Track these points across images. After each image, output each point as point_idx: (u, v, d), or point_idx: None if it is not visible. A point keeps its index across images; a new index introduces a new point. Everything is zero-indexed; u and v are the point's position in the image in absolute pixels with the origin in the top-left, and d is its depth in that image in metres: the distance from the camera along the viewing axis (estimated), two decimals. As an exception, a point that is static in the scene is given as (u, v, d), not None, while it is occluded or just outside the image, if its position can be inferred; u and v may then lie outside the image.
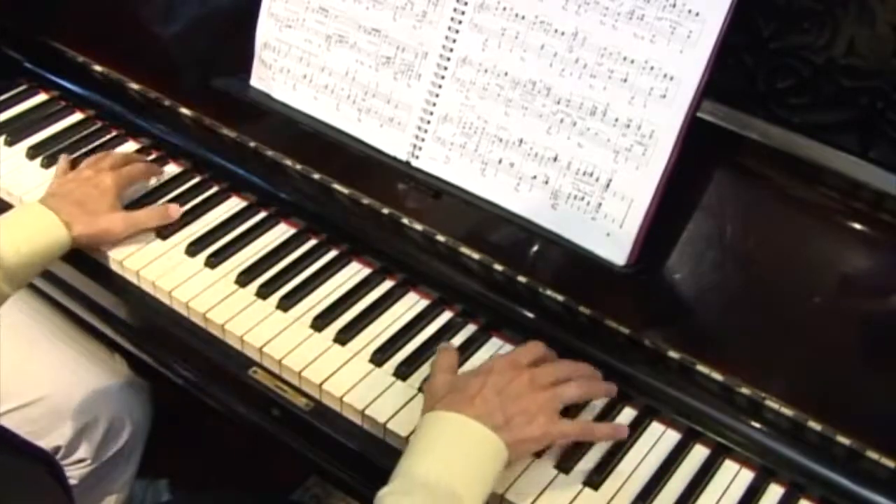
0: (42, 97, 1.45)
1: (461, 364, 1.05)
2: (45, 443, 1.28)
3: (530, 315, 1.08)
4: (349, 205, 1.19)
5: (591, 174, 0.99)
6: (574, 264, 1.04)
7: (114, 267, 1.17)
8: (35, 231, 1.11)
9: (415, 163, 1.10)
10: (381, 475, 0.90)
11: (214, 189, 1.28)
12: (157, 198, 1.25)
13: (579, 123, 0.99)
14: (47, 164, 1.31)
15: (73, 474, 1.33)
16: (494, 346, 1.08)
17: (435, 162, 1.09)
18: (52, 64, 1.44)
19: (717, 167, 0.99)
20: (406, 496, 0.83)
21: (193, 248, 1.18)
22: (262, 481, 1.65)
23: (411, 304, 1.13)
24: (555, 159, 1.01)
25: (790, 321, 0.96)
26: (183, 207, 1.23)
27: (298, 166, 1.22)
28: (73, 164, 1.27)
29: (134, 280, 1.16)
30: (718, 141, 0.99)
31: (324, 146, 1.17)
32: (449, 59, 1.06)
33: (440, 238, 1.13)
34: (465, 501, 0.83)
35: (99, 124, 1.39)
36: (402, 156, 1.11)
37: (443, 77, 1.07)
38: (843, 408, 0.94)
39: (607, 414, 1.02)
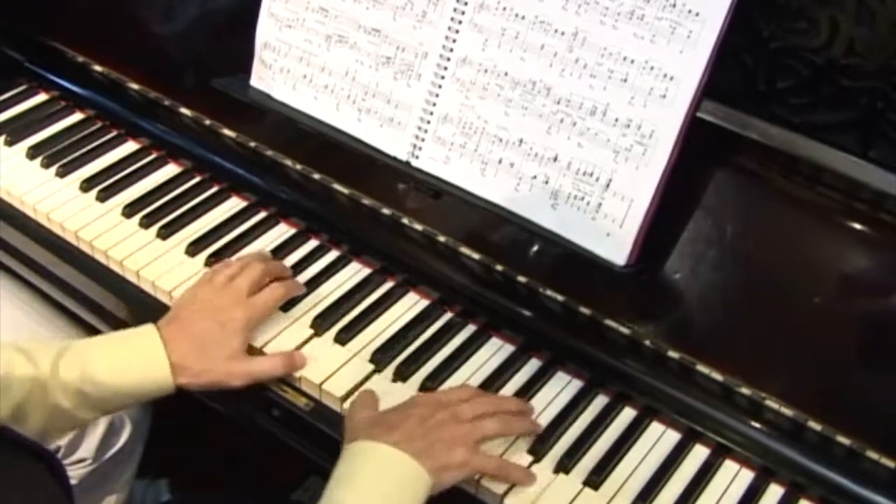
0: (42, 97, 1.45)
1: (462, 363, 1.06)
2: (45, 443, 1.28)
3: (530, 315, 1.08)
4: (349, 205, 1.19)
5: (591, 174, 0.99)
6: (574, 264, 1.04)
7: (114, 267, 1.17)
8: (138, 366, 0.98)
9: (415, 163, 1.10)
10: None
11: (214, 189, 1.28)
12: (157, 197, 1.25)
13: (579, 123, 0.99)
14: (47, 164, 1.31)
15: (73, 474, 1.32)
16: (494, 346, 1.08)
17: (435, 162, 1.09)
18: (52, 64, 1.44)
19: (717, 167, 0.99)
20: None
21: (193, 248, 1.18)
22: (262, 481, 1.65)
23: (411, 304, 1.13)
24: (555, 159, 1.01)
25: (790, 321, 0.96)
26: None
27: (298, 166, 1.22)
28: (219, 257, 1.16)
29: (134, 280, 1.16)
30: (718, 141, 0.99)
31: (324, 146, 1.17)
32: (449, 59, 1.06)
33: (440, 238, 1.13)
34: None
35: (99, 124, 1.39)
36: (402, 156, 1.11)
37: (443, 77, 1.07)
38: (843, 408, 0.94)
39: (608, 414, 1.02)
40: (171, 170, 1.31)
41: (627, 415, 1.02)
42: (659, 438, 1.00)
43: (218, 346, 1.00)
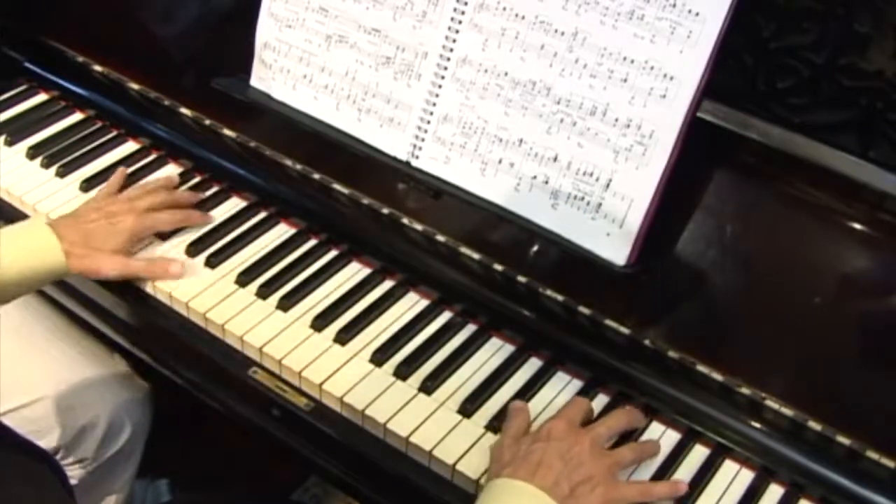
0: (42, 97, 1.45)
1: (462, 363, 1.06)
2: (45, 443, 1.28)
3: (530, 315, 1.08)
4: (349, 205, 1.19)
5: (591, 174, 0.99)
6: (574, 264, 1.04)
7: (114, 267, 1.17)
8: (34, 252, 1.09)
9: (415, 163, 1.10)
10: (381, 475, 0.90)
11: (214, 189, 1.28)
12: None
13: (579, 123, 0.99)
14: (47, 164, 1.31)
15: (73, 474, 1.33)
16: (494, 346, 1.08)
17: (435, 162, 1.09)
18: (52, 64, 1.44)
19: (717, 167, 0.99)
20: None
21: (193, 249, 1.18)
22: (262, 481, 1.65)
23: (411, 304, 1.13)
24: (555, 159, 1.01)
25: (790, 321, 0.96)
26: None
27: (298, 166, 1.22)
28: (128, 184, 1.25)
29: (134, 280, 1.16)
30: (718, 141, 0.99)
31: (324, 146, 1.17)
32: (449, 59, 1.06)
33: (440, 238, 1.13)
34: None
35: (99, 124, 1.39)
36: (402, 156, 1.11)
37: (443, 77, 1.07)
38: (843, 408, 0.94)
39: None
40: (171, 170, 1.31)
41: (627, 415, 1.02)
42: (659, 438, 1.00)
43: (105, 240, 1.13)
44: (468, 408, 1.01)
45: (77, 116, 1.41)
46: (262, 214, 1.24)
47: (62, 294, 1.24)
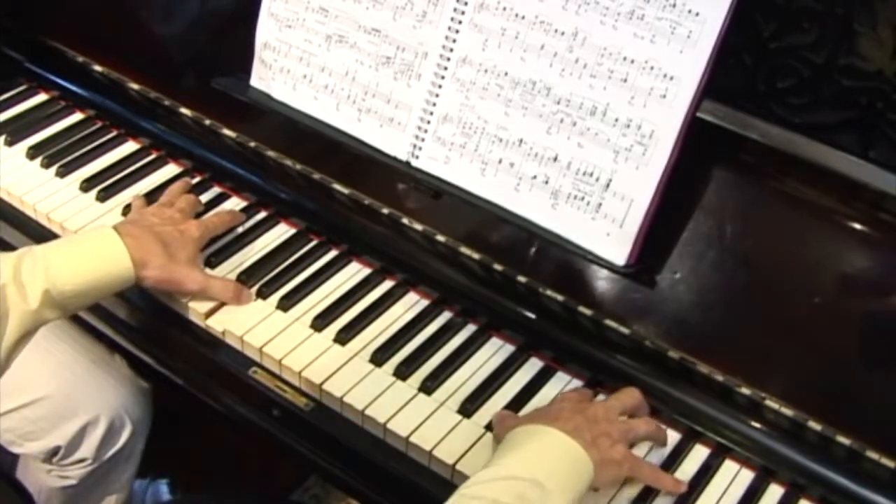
0: (42, 97, 1.45)
1: (462, 363, 1.06)
2: (45, 443, 1.29)
3: (530, 315, 1.08)
4: (349, 205, 1.19)
5: (591, 174, 0.99)
6: (574, 264, 1.04)
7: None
8: (100, 261, 1.02)
9: (415, 163, 1.10)
10: (381, 475, 0.90)
11: (214, 189, 1.28)
12: (157, 198, 1.25)
13: (579, 123, 0.99)
14: (47, 164, 1.31)
15: (73, 474, 1.33)
16: (494, 346, 1.08)
17: (435, 162, 1.09)
18: (52, 64, 1.44)
19: (717, 167, 0.99)
20: (486, 483, 0.82)
21: (193, 248, 1.18)
22: (262, 481, 1.65)
23: (411, 304, 1.13)
24: (555, 159, 1.01)
25: (790, 321, 0.96)
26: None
27: (298, 166, 1.22)
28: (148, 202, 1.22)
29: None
30: (718, 141, 0.99)
31: (324, 146, 1.17)
32: (449, 59, 1.06)
33: (440, 238, 1.13)
34: (550, 494, 0.81)
35: (99, 124, 1.39)
36: (402, 156, 1.11)
37: (443, 77, 1.07)
38: (843, 408, 0.94)
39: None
40: (171, 170, 1.31)
41: (627, 415, 1.02)
42: (659, 438, 1.00)
43: (178, 248, 1.08)
44: (468, 408, 1.01)
45: (77, 116, 1.41)
46: (262, 214, 1.24)
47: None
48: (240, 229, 1.21)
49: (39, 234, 1.23)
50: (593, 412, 0.92)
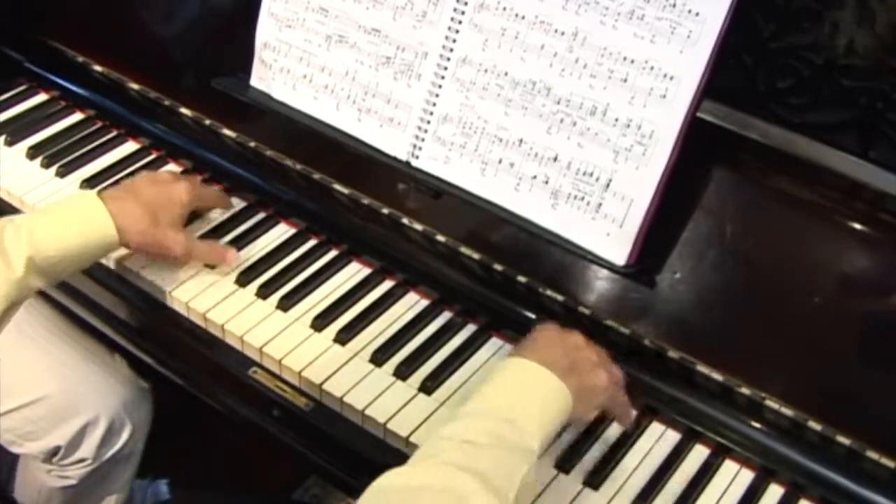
0: (42, 97, 1.45)
1: (462, 363, 1.06)
2: (45, 443, 1.29)
3: (530, 315, 1.08)
4: (349, 205, 1.19)
5: (591, 174, 0.99)
6: (574, 264, 1.04)
7: (113, 266, 1.17)
8: (83, 226, 1.03)
9: (415, 163, 1.10)
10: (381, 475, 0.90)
11: (214, 189, 1.28)
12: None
13: (579, 123, 0.99)
14: (47, 164, 1.31)
15: (73, 474, 1.33)
16: (494, 346, 1.08)
17: (435, 162, 1.09)
18: (52, 64, 1.44)
19: (717, 167, 0.99)
20: (462, 420, 0.82)
21: (193, 248, 1.18)
22: (262, 481, 1.65)
23: (411, 304, 1.13)
24: (555, 159, 1.01)
25: (790, 321, 0.96)
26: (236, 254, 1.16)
27: (298, 166, 1.22)
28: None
29: (133, 279, 1.16)
30: (718, 141, 0.99)
31: (324, 146, 1.17)
32: (449, 59, 1.06)
33: (440, 238, 1.13)
34: (524, 429, 0.81)
35: (99, 124, 1.39)
36: (402, 156, 1.11)
37: (443, 77, 1.07)
38: (843, 408, 0.94)
39: (608, 415, 1.02)
40: (171, 170, 1.31)
41: (627, 415, 1.02)
42: (659, 438, 1.00)
43: (164, 211, 1.08)
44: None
45: (77, 116, 1.41)
46: (262, 214, 1.24)
47: (62, 294, 1.24)
48: (240, 229, 1.22)
49: (39, 234, 1.23)
50: (574, 341, 0.93)
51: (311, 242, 1.20)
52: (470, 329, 1.10)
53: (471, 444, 0.78)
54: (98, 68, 1.40)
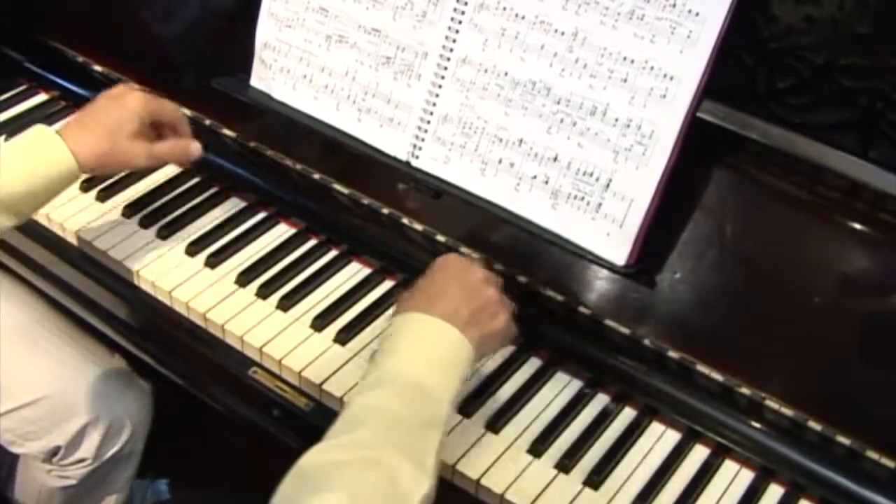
0: (42, 97, 1.45)
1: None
2: (45, 443, 1.29)
3: (530, 315, 1.08)
4: (349, 205, 1.19)
5: (591, 174, 0.99)
6: (574, 264, 1.04)
7: (113, 267, 1.17)
8: (41, 161, 1.04)
9: (415, 163, 1.10)
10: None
11: (214, 189, 1.28)
12: (157, 197, 1.25)
13: (579, 123, 0.99)
14: (47, 164, 1.31)
15: (73, 474, 1.33)
16: (494, 346, 1.08)
17: (435, 162, 1.09)
18: (52, 64, 1.44)
19: (717, 167, 0.99)
20: (370, 392, 0.84)
21: (193, 248, 1.18)
22: (262, 481, 1.65)
23: (411, 304, 1.12)
24: (555, 159, 1.01)
25: (790, 321, 0.96)
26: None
27: (298, 166, 1.22)
28: None
29: (134, 280, 1.16)
30: (718, 141, 0.99)
31: (324, 146, 1.17)
32: (449, 59, 1.06)
33: (440, 238, 1.13)
34: (432, 392, 0.84)
35: (99, 124, 1.39)
36: (402, 156, 1.11)
37: (443, 77, 1.07)
38: (843, 408, 0.94)
39: (608, 414, 1.02)
40: (171, 170, 1.31)
41: (627, 415, 1.02)
42: (659, 438, 1.00)
43: (120, 127, 1.07)
44: (468, 408, 1.01)
45: (77, 116, 1.41)
46: (262, 214, 1.24)
47: (62, 294, 1.24)
48: (240, 229, 1.21)
49: (41, 234, 1.23)
50: (475, 282, 0.93)
51: (311, 242, 1.20)
52: (470, 329, 1.10)
53: (387, 413, 0.81)
54: (98, 68, 1.40)
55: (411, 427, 0.81)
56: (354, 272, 1.17)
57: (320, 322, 1.09)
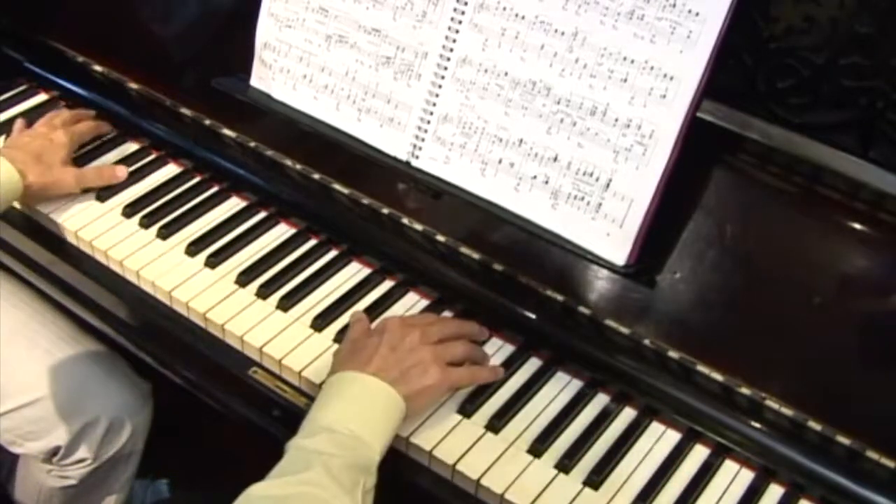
0: (42, 97, 1.45)
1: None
2: (45, 443, 1.29)
3: (530, 315, 1.08)
4: (349, 205, 1.19)
5: (591, 174, 0.99)
6: (574, 264, 1.04)
7: (114, 267, 1.17)
8: None
9: (415, 163, 1.10)
10: (380, 475, 0.90)
11: (214, 189, 1.28)
12: (157, 197, 1.25)
13: (579, 123, 0.99)
14: (47, 164, 1.31)
15: (73, 474, 1.33)
16: (494, 346, 1.08)
17: (435, 162, 1.09)
18: (52, 64, 1.44)
19: (717, 167, 0.99)
20: (309, 438, 0.90)
21: (193, 248, 1.18)
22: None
23: (411, 304, 1.13)
24: (555, 159, 1.01)
25: (790, 321, 0.96)
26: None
27: (298, 166, 1.22)
28: (29, 126, 1.32)
29: (134, 280, 1.16)
30: (718, 141, 0.99)
31: (324, 146, 1.17)
32: (449, 59, 1.06)
33: (440, 238, 1.13)
34: (366, 440, 0.90)
35: (99, 124, 1.39)
36: (402, 156, 1.11)
37: (443, 77, 1.07)
38: (843, 408, 0.94)
39: (608, 414, 1.02)
40: (171, 170, 1.31)
41: (627, 415, 1.02)
42: (659, 438, 1.00)
43: (52, 155, 1.23)
44: (468, 408, 1.01)
45: (77, 116, 1.41)
46: (262, 214, 1.24)
47: (62, 294, 1.24)
48: (240, 229, 1.22)
49: (41, 234, 1.23)
50: (409, 342, 0.98)
51: (311, 242, 1.20)
52: (470, 329, 1.10)
53: (327, 457, 0.87)
54: (98, 68, 1.40)
55: (350, 468, 0.88)
56: (354, 272, 1.17)
57: (320, 322, 1.09)
